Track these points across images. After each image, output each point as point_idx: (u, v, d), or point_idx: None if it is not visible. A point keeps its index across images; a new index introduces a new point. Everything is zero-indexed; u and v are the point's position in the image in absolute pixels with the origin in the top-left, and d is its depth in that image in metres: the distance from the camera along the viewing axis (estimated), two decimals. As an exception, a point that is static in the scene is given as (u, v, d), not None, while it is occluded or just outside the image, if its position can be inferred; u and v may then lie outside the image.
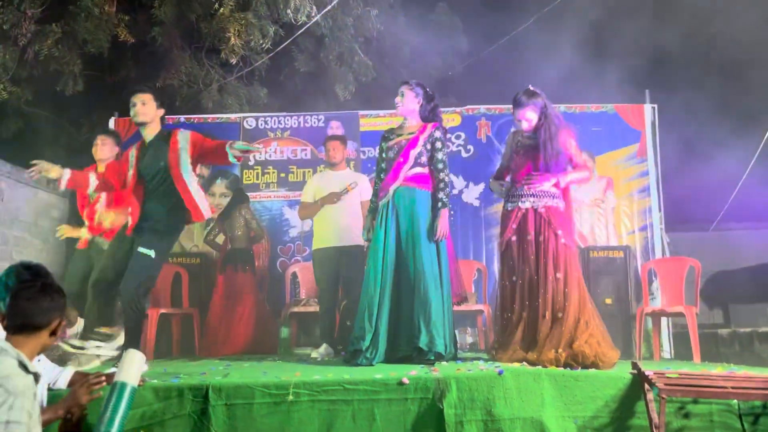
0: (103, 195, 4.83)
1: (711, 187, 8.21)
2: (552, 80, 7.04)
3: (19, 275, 2.40)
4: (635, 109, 6.68)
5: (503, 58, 9.03)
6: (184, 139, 3.98)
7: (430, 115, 4.26)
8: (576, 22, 8.09)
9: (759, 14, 6.78)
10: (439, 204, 4.09)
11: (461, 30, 10.16)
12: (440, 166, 4.15)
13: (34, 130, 8.65)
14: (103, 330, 3.86)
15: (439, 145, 4.16)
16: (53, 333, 2.24)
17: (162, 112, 4.13)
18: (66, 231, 5.16)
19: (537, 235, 3.89)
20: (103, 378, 2.62)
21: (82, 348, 3.78)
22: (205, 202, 4.04)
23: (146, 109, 4.03)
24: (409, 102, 4.22)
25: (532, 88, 4.06)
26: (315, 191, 5.35)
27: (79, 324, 4.62)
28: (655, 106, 6.66)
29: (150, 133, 4.07)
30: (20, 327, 2.19)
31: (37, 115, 8.46)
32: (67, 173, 4.06)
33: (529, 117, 4.01)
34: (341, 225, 5.15)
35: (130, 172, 4.02)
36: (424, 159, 4.15)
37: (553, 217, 3.89)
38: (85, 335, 3.90)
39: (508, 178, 4.23)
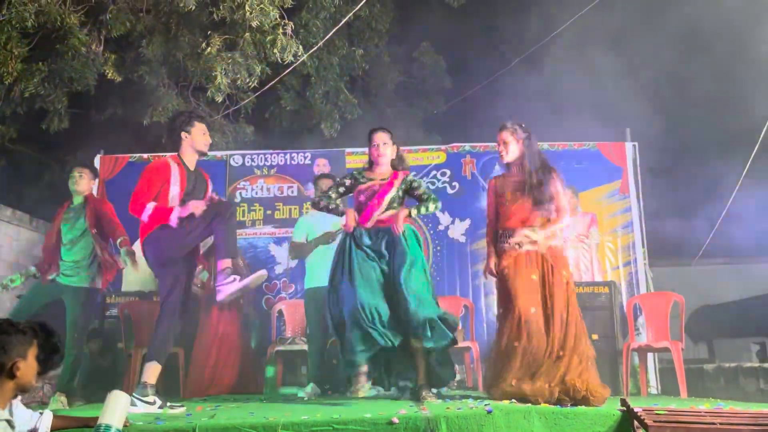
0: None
1: (693, 222, 8.33)
2: (535, 118, 7.14)
3: None
4: (616, 146, 6.81)
5: (487, 97, 9.20)
6: None
7: (399, 164, 4.33)
8: (558, 61, 8.28)
9: (737, 48, 7.00)
10: (412, 209, 4.14)
11: (445, 69, 10.36)
12: (426, 194, 4.25)
13: (18, 167, 8.62)
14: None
15: (416, 184, 4.26)
16: (11, 375, 2.19)
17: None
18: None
19: (543, 275, 3.90)
20: None
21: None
22: None
23: (207, 138, 4.16)
24: (390, 151, 4.29)
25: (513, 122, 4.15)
26: (308, 231, 5.34)
27: None
28: (636, 143, 6.80)
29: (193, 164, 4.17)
30: None
31: (21, 153, 8.44)
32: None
33: (507, 140, 4.06)
34: None
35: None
36: (396, 204, 4.19)
37: (555, 258, 3.92)
38: None
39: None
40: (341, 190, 4.30)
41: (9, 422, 2.06)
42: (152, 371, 3.81)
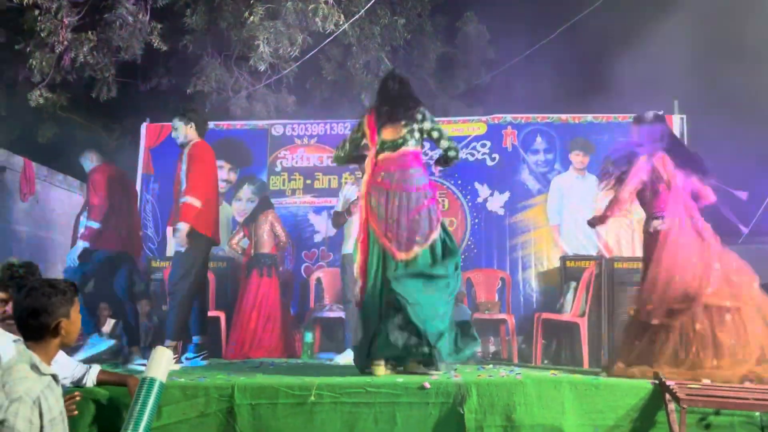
0: None
1: (740, 199, 8.08)
2: (578, 90, 7.01)
3: (13, 274, 2.57)
4: (663, 119, 6.62)
5: (530, 68, 9.04)
6: None
7: None
8: (603, 31, 8.06)
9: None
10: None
11: (488, 39, 10.19)
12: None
13: (68, 135, 8.88)
14: None
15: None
16: (56, 333, 2.27)
17: None
18: None
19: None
20: None
21: None
22: None
23: None
24: None
25: None
26: (344, 200, 5.41)
27: None
28: (684, 116, 6.61)
29: None
30: (30, 328, 2.23)
31: (71, 121, 8.68)
32: None
33: None
34: None
35: None
36: None
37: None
38: None
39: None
40: (355, 143, 4.08)
41: (54, 377, 2.18)
42: None
